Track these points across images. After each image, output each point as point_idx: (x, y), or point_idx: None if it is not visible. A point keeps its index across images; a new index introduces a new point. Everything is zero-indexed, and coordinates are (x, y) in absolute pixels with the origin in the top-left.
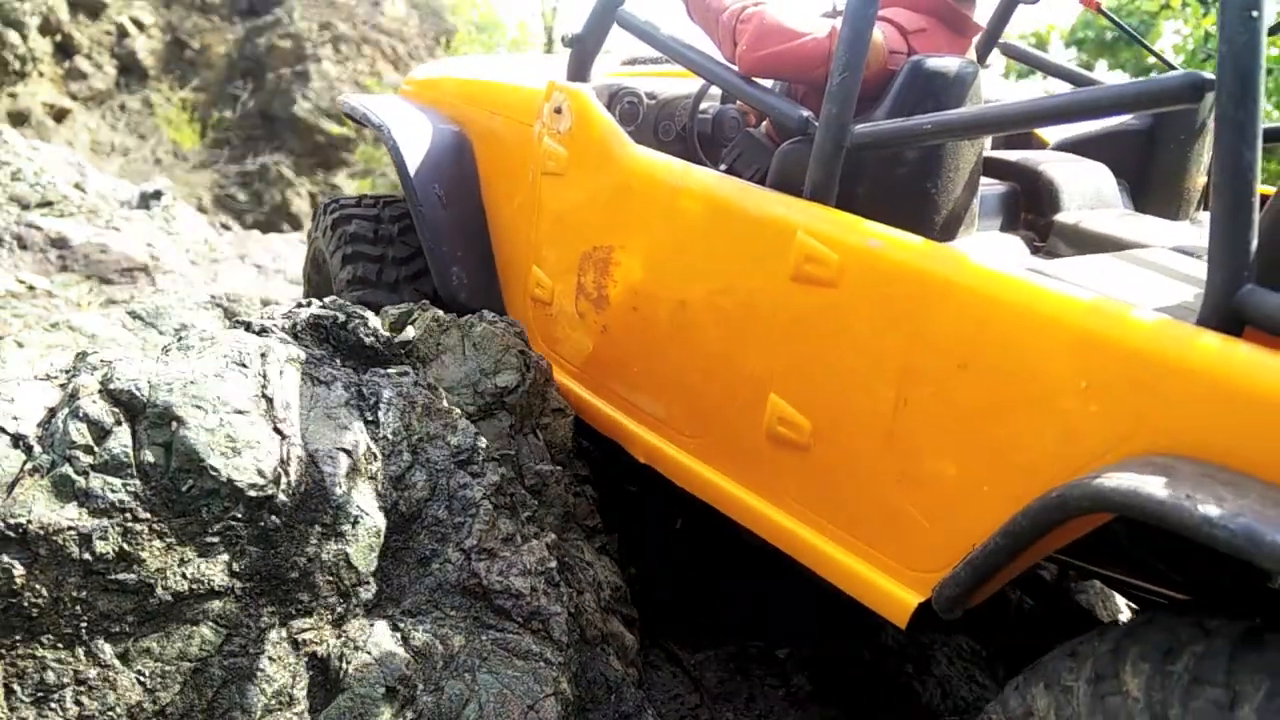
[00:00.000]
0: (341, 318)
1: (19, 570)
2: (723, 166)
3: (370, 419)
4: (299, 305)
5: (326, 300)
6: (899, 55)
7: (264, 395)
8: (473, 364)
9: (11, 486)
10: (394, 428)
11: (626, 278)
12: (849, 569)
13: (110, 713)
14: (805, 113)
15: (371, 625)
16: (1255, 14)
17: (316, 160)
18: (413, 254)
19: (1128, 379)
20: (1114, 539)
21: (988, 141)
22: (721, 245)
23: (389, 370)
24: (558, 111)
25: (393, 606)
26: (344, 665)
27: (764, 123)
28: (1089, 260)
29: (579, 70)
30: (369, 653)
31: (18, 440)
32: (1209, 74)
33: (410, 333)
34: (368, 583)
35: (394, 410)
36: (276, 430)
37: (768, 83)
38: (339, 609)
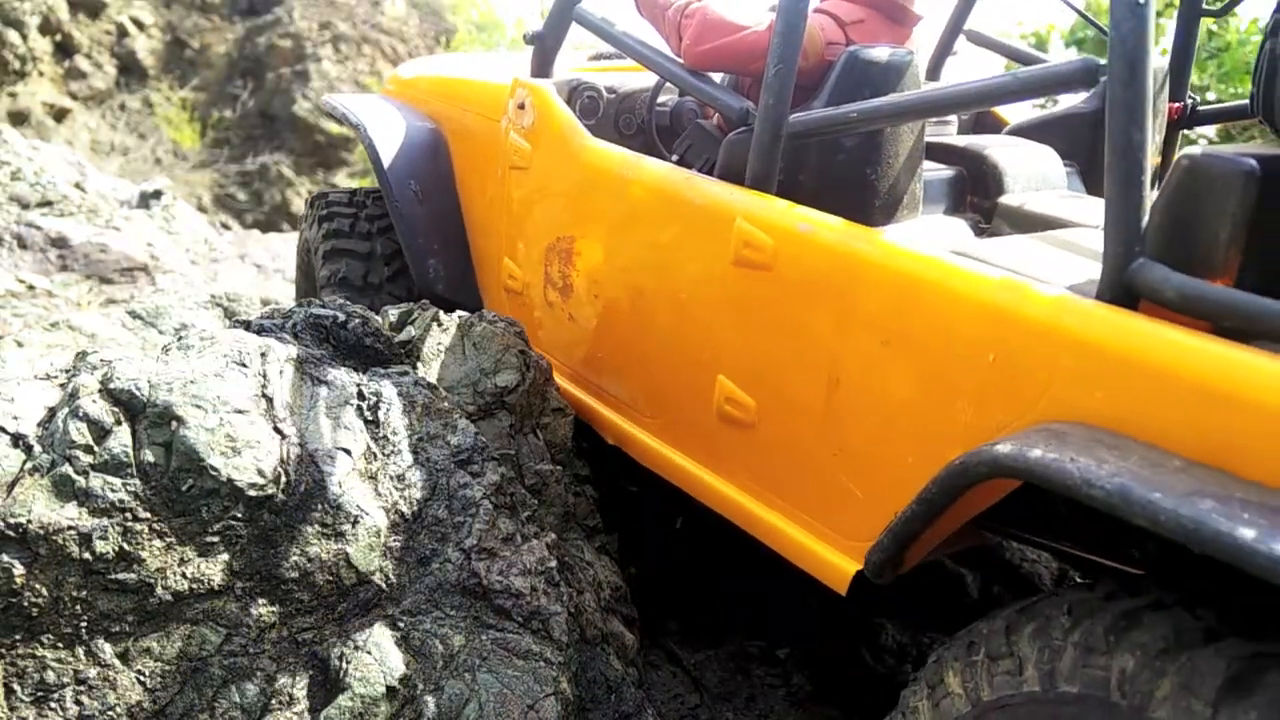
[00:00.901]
0: (341, 318)
1: (19, 570)
2: (674, 157)
3: (370, 419)
4: (299, 305)
5: (327, 300)
6: (837, 46)
7: (264, 395)
8: (473, 364)
9: (11, 486)
10: (394, 428)
11: (588, 267)
12: (794, 540)
13: (110, 713)
14: (746, 104)
15: (371, 625)
16: (1142, 3)
17: (316, 160)
18: (397, 250)
19: (1030, 351)
20: (1063, 517)
21: (925, 127)
22: (670, 233)
23: (389, 370)
24: (521, 107)
25: (393, 606)
26: (344, 665)
27: (716, 115)
28: (1014, 240)
29: (541, 66)
30: (369, 653)
31: (18, 440)
32: (1102, 60)
33: (410, 333)
34: (368, 583)
35: (394, 410)
36: (276, 430)
37: (719, 76)
38: (339, 609)
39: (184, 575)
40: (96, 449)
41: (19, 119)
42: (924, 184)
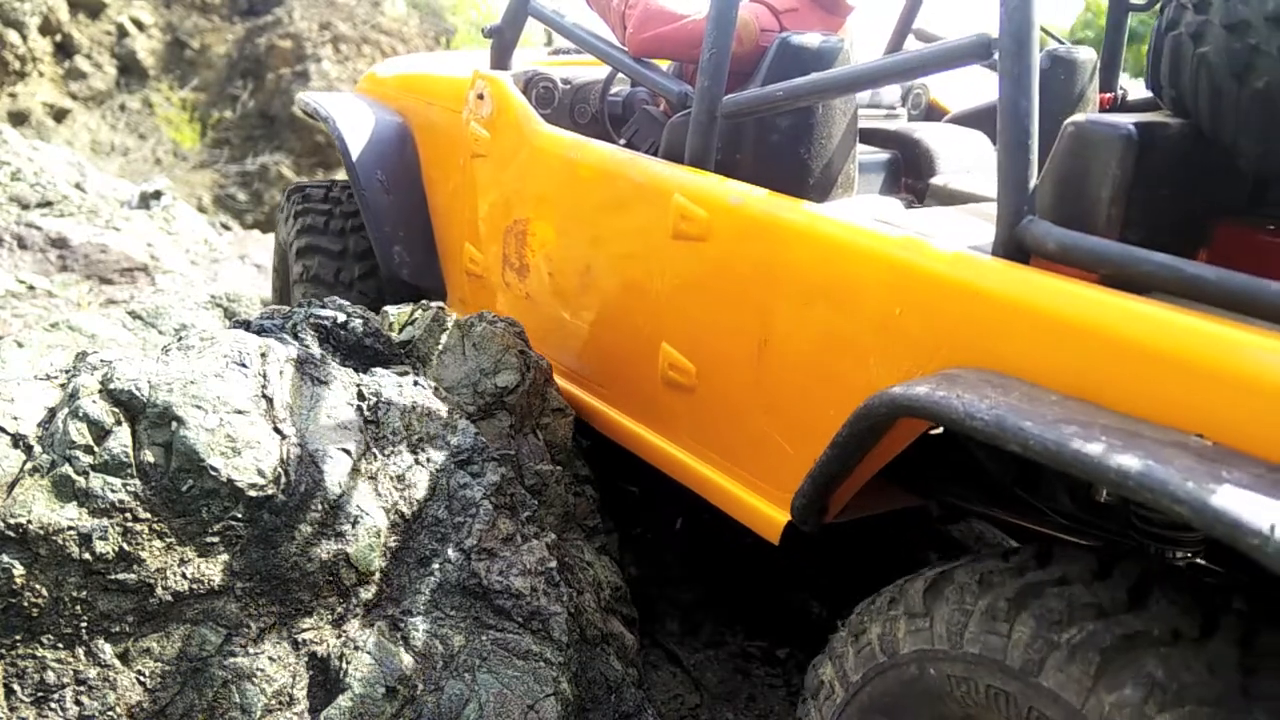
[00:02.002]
0: (341, 318)
1: (19, 570)
2: (622, 141)
3: (370, 419)
4: (299, 305)
5: (326, 300)
6: (771, 33)
7: (264, 395)
8: (473, 364)
9: (11, 486)
10: (394, 428)
11: (541, 247)
12: (733, 494)
13: (110, 713)
14: (685, 88)
15: (371, 625)
16: None
17: (316, 160)
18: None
19: (931, 304)
20: (997, 487)
21: (858, 112)
22: (615, 211)
23: (389, 370)
24: (480, 98)
25: (393, 606)
26: (344, 665)
27: (662, 102)
28: (934, 210)
29: (499, 59)
30: (369, 653)
31: (18, 440)
32: (996, 35)
33: (410, 333)
34: (368, 583)
35: (394, 410)
36: (276, 430)
37: (667, 65)
38: (339, 609)
39: (184, 575)
40: (96, 449)
41: (19, 119)
42: (859, 166)
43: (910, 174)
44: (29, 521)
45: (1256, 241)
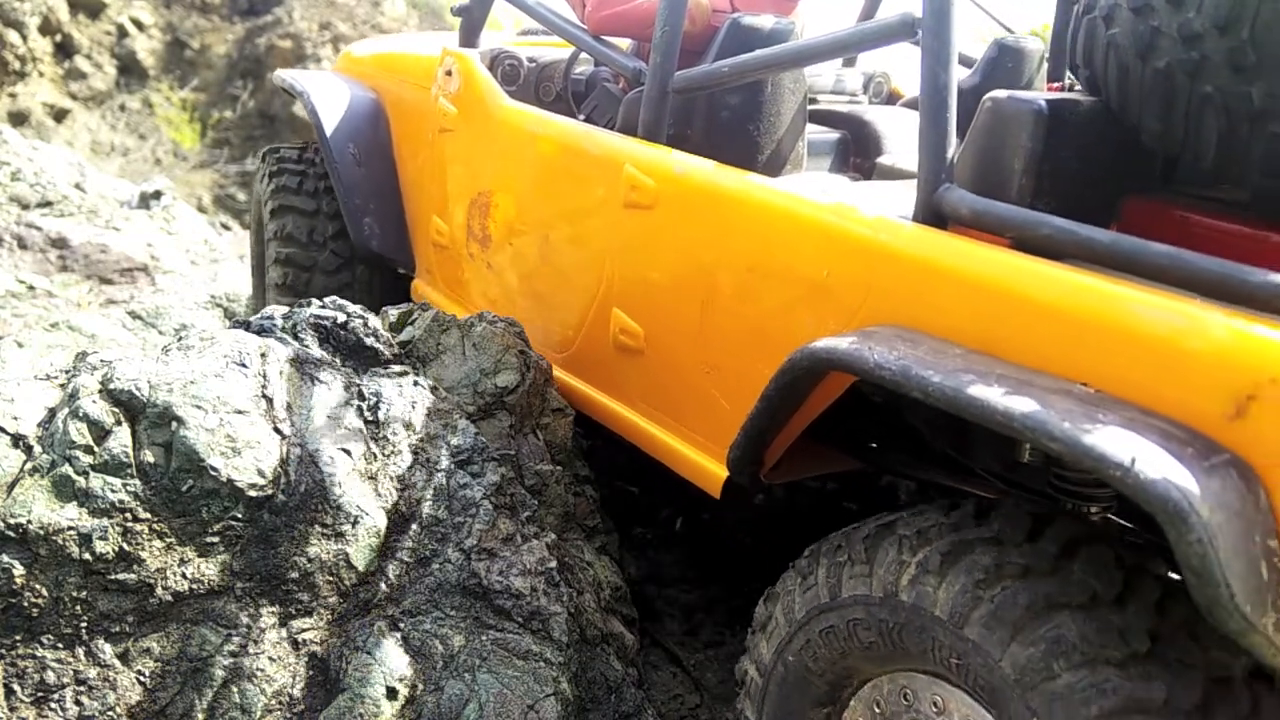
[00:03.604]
0: (342, 318)
1: (19, 570)
2: (582, 117)
3: (370, 419)
4: (299, 305)
5: (326, 300)
6: (723, 14)
7: (264, 395)
8: (473, 364)
9: (11, 486)
10: (394, 428)
11: (504, 218)
12: (678, 452)
13: (110, 713)
14: (639, 64)
15: (371, 625)
16: None
17: None
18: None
19: (854, 265)
20: (937, 453)
21: (803, 88)
22: (572, 182)
23: (389, 370)
24: (448, 74)
25: (393, 606)
26: (344, 665)
27: (621, 80)
28: (872, 184)
29: (468, 37)
30: (369, 653)
31: (18, 440)
32: (919, 14)
33: (410, 333)
34: (368, 583)
35: (394, 410)
36: (276, 430)
37: (627, 44)
38: (339, 609)
39: (184, 575)
40: (96, 449)
41: (19, 119)
42: (809, 145)
43: (859, 154)
44: (29, 521)
45: (1164, 215)
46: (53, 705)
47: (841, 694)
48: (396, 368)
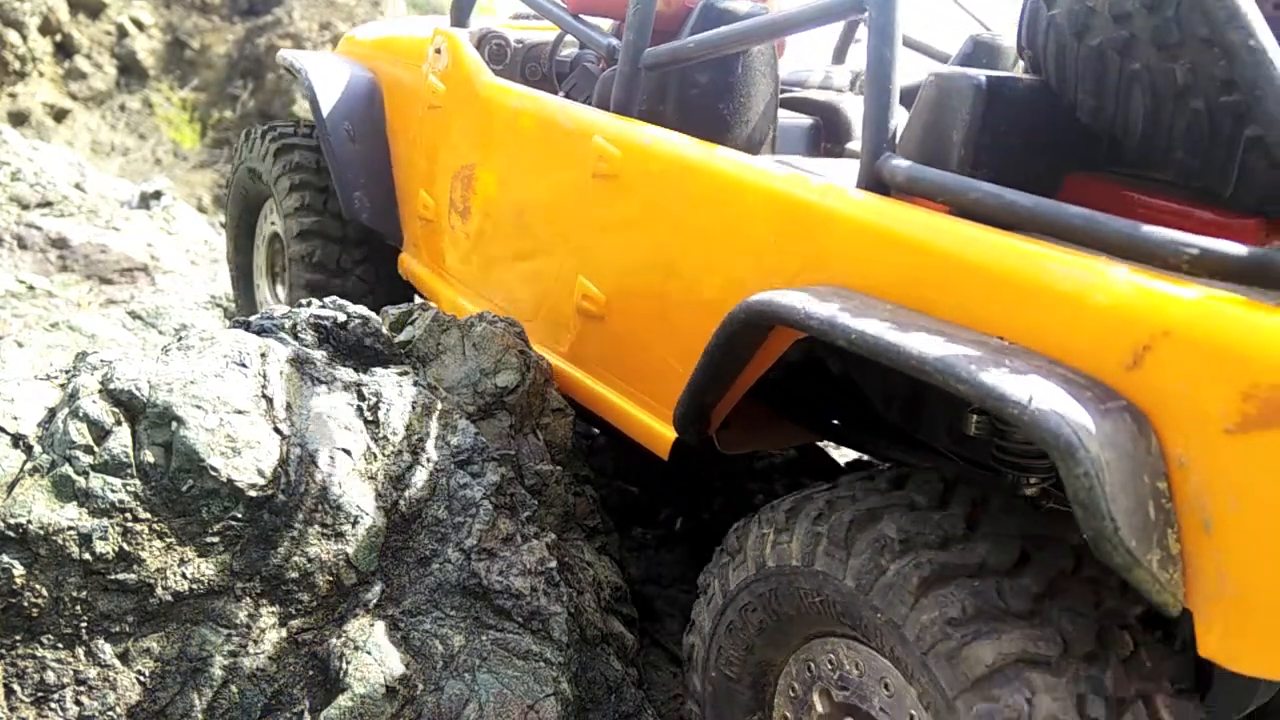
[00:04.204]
0: (342, 318)
1: (19, 570)
2: (562, 94)
3: (370, 419)
4: (299, 305)
5: (326, 300)
6: None
7: (264, 395)
8: (473, 364)
9: (11, 486)
10: (394, 428)
11: (484, 191)
12: (631, 415)
13: (110, 713)
14: (613, 42)
15: (371, 625)
16: None
17: None
18: None
19: (798, 229)
20: (888, 426)
21: (774, 71)
22: (548, 155)
23: (389, 370)
24: (438, 52)
25: (393, 606)
26: (344, 665)
27: (601, 60)
28: (832, 161)
29: (459, 17)
30: (369, 653)
31: (18, 440)
32: None
33: (410, 333)
34: (368, 583)
35: (394, 410)
36: (276, 430)
37: (605, 23)
38: (339, 609)
39: (184, 575)
40: (96, 449)
41: (19, 119)
42: (781, 130)
43: (831, 139)
44: (29, 521)
45: (1101, 191)
46: (53, 705)
47: (765, 694)
48: (396, 368)
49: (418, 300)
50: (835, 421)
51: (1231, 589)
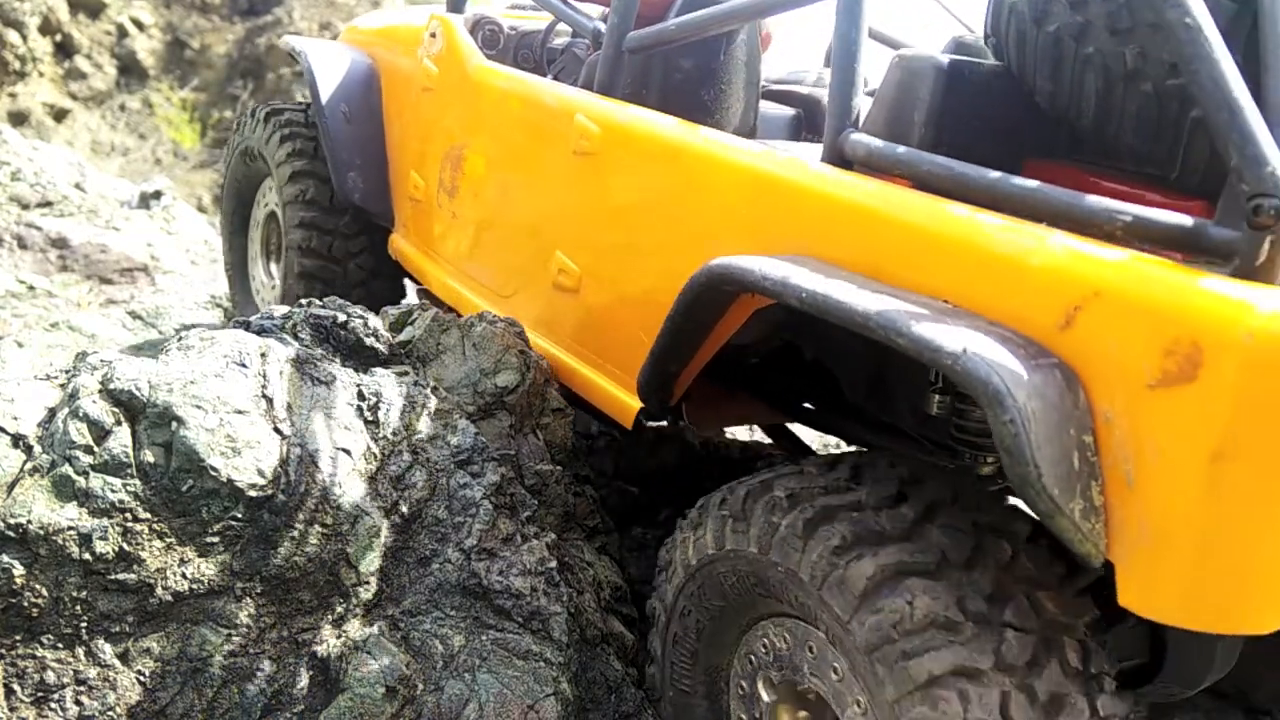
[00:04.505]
0: (342, 318)
1: (19, 570)
2: (551, 77)
3: (370, 419)
4: (299, 305)
5: (326, 300)
6: None
7: (264, 395)
8: (473, 364)
9: (11, 486)
10: (394, 428)
11: (472, 170)
12: (598, 386)
13: (110, 713)
14: (598, 25)
15: (371, 625)
16: None
17: None
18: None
19: (762, 201)
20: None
21: (757, 61)
22: (532, 134)
23: (389, 370)
24: (433, 36)
25: (393, 606)
26: (344, 665)
27: (589, 45)
28: (802, 144)
29: (455, 3)
30: (369, 653)
31: (18, 440)
32: None
33: (410, 333)
34: (368, 583)
35: (394, 410)
36: (276, 430)
37: (595, 9)
38: (339, 609)
39: (184, 575)
40: (96, 449)
41: (19, 119)
42: (763, 118)
43: (810, 130)
44: (29, 521)
45: (1058, 173)
46: (53, 705)
47: (720, 703)
48: (396, 368)
49: (410, 286)
50: (806, 405)
51: (1150, 540)
